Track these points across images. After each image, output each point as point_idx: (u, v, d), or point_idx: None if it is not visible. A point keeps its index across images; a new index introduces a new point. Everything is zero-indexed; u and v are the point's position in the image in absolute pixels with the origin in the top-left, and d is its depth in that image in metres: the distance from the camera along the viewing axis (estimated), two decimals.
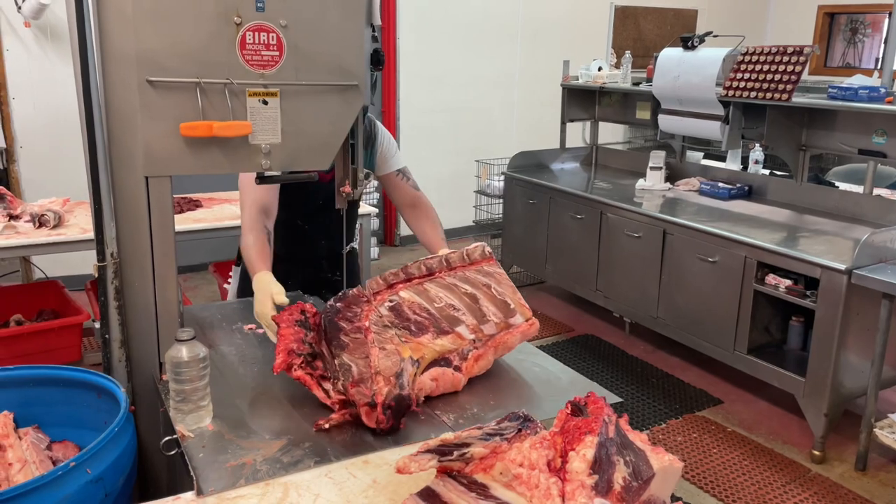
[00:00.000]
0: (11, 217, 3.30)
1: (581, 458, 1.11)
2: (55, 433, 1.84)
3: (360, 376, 1.51)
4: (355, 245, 2.72)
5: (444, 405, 1.67)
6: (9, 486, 1.62)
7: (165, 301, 1.81)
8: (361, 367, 1.53)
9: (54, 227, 3.26)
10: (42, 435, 1.81)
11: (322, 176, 2.19)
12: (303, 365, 1.61)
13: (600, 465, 1.11)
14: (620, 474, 1.11)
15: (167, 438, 1.54)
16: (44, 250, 3.22)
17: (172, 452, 1.52)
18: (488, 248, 1.95)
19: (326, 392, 1.59)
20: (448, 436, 1.20)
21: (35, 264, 4.46)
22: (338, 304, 1.68)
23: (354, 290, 1.77)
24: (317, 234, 2.49)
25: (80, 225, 3.31)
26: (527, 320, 1.83)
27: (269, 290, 1.95)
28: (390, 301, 1.74)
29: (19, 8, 4.56)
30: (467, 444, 1.18)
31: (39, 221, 3.25)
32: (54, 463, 1.74)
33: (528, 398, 1.73)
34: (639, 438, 1.21)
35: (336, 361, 1.56)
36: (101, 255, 1.74)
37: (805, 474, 3.13)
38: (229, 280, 2.71)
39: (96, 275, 1.75)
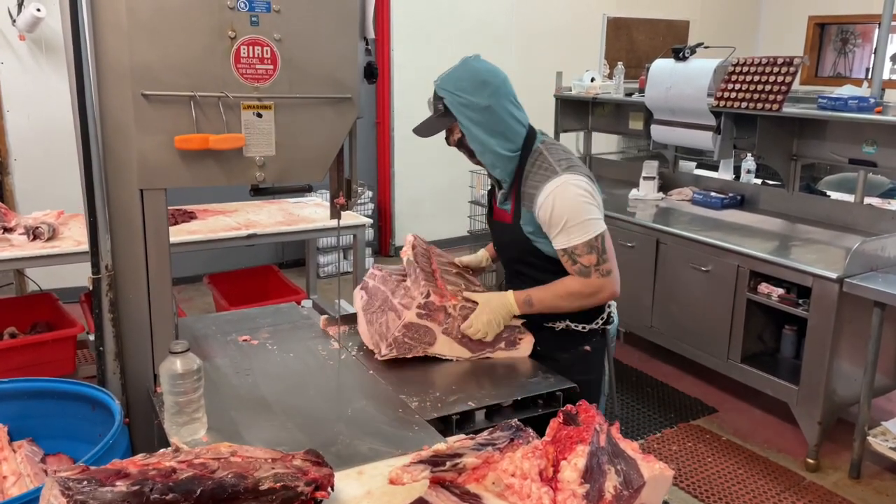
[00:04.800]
0: (5, 230, 3.30)
1: (572, 468, 1.12)
2: (49, 446, 1.85)
3: None
4: (574, 325, 2.04)
5: (410, 389, 1.82)
6: (3, 499, 1.62)
7: (160, 313, 1.82)
8: None
9: (48, 239, 3.25)
10: (36, 448, 1.82)
11: (497, 211, 2.09)
12: None
13: (591, 475, 1.11)
14: (611, 483, 1.12)
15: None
16: (38, 263, 3.22)
17: None
18: (409, 237, 2.15)
19: None
20: (441, 446, 1.21)
21: (29, 277, 4.45)
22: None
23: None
24: (513, 284, 2.08)
25: (75, 237, 3.31)
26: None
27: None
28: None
29: (14, 21, 4.58)
30: (460, 455, 1.19)
31: (33, 234, 3.25)
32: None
33: (487, 385, 1.86)
34: (630, 447, 1.22)
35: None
36: (95, 268, 1.75)
37: (799, 482, 3.14)
38: None
39: (91, 287, 1.76)
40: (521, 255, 2.04)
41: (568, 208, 1.85)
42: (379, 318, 2.02)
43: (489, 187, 2.17)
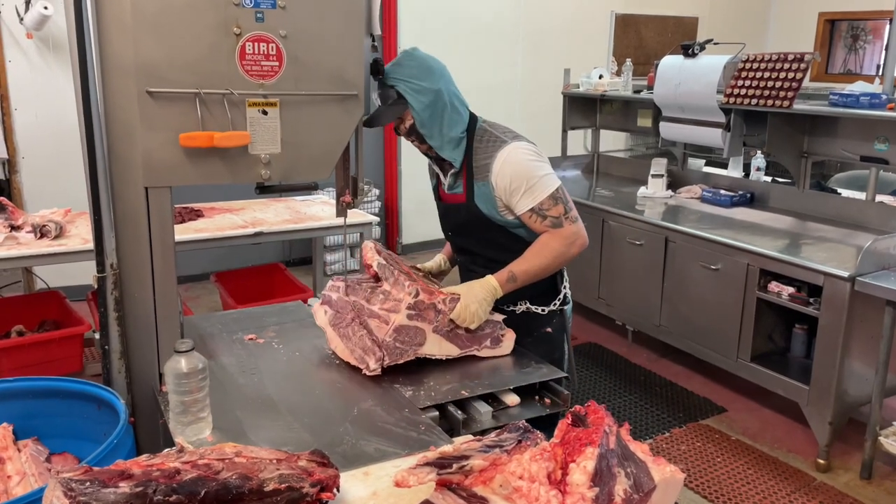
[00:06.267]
0: (13, 228, 3.30)
1: (581, 471, 1.10)
2: (55, 445, 1.84)
3: None
4: (534, 308, 2.16)
5: (405, 379, 1.84)
6: (8, 498, 1.62)
7: (165, 312, 1.81)
8: None
9: (55, 237, 3.26)
10: (41, 447, 1.81)
11: (446, 196, 2.16)
12: None
13: (601, 478, 1.10)
14: (621, 487, 1.10)
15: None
16: (45, 261, 3.22)
17: None
18: (370, 244, 2.05)
19: None
20: (447, 448, 1.19)
21: (37, 275, 4.46)
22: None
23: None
24: (468, 272, 2.19)
25: (82, 235, 3.31)
26: None
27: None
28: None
29: (21, 19, 4.58)
30: (467, 457, 1.17)
31: (41, 232, 3.25)
32: None
33: (480, 375, 1.89)
34: (640, 449, 1.20)
35: None
36: (100, 266, 1.74)
37: (810, 483, 3.11)
38: None
39: (96, 286, 1.75)
40: (475, 232, 2.11)
41: (525, 170, 1.97)
42: (356, 331, 1.91)
43: (434, 182, 2.24)
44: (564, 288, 2.20)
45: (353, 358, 1.89)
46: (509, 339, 2.02)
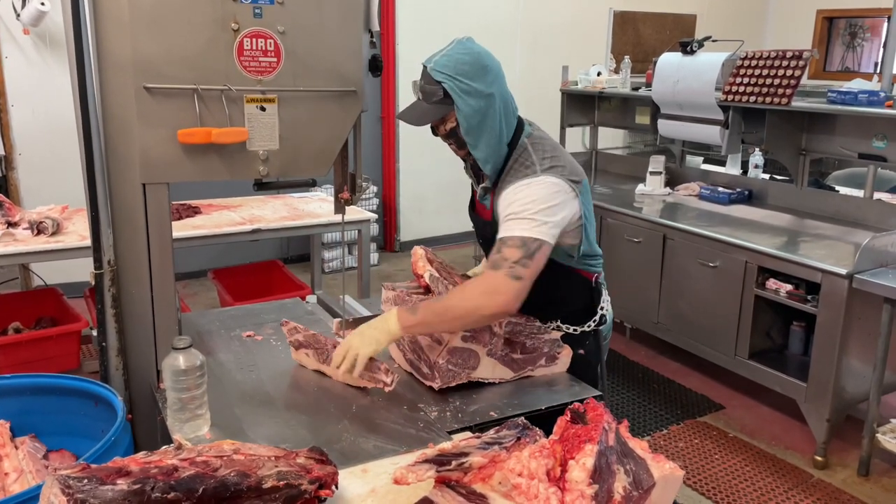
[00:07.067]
0: (10, 224, 3.29)
1: (581, 468, 1.10)
2: (52, 442, 1.83)
3: None
4: (566, 327, 1.96)
5: (429, 399, 1.73)
6: (5, 496, 1.61)
7: (163, 308, 1.80)
8: None
9: (52, 234, 3.24)
10: (39, 444, 1.80)
11: (478, 206, 1.98)
12: None
13: (600, 475, 1.09)
14: (621, 484, 1.10)
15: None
16: (42, 258, 3.21)
17: None
18: (420, 250, 1.91)
19: None
20: (446, 445, 1.19)
21: (34, 272, 4.44)
22: None
23: None
24: None
25: (79, 232, 3.30)
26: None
27: None
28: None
29: (18, 15, 4.56)
30: (466, 454, 1.17)
31: (38, 229, 3.24)
32: None
33: (509, 394, 1.78)
34: (639, 446, 1.20)
35: None
36: (97, 263, 1.74)
37: (807, 480, 3.11)
38: None
39: (93, 282, 1.74)
40: None
41: (526, 201, 1.69)
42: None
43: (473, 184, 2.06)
44: (602, 309, 2.01)
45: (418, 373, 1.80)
46: (566, 355, 1.90)
